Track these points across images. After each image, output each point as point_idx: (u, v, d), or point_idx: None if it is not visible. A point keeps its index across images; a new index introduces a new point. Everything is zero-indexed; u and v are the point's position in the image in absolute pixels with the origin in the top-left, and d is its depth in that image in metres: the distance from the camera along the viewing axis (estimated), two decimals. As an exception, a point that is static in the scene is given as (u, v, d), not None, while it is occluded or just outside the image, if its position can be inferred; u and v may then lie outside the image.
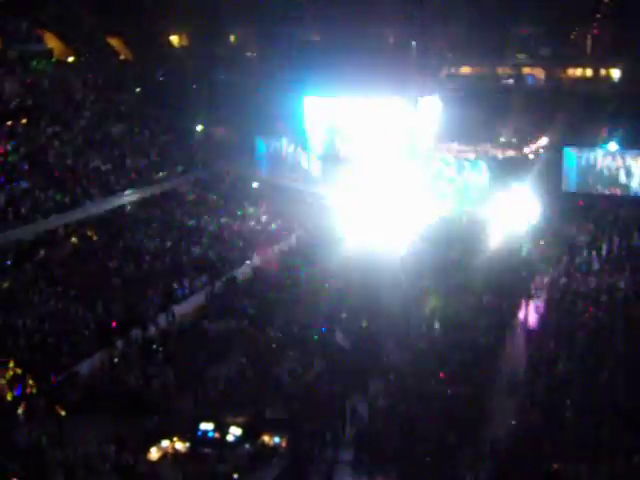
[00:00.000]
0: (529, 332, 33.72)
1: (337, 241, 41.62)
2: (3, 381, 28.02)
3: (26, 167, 41.14)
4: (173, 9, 60.16)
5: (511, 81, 61.45)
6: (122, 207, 43.84)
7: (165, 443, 24.35)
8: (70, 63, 51.75)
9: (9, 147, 41.81)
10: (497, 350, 31.36)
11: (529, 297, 36.52)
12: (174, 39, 63.70)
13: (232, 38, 67.02)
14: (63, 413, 26.31)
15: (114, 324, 33.52)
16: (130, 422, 25.81)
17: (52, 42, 52.01)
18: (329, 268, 38.87)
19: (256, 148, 54.71)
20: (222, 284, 39.69)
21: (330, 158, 53.75)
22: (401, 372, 29.04)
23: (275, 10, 59.40)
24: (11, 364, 28.25)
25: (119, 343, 32.39)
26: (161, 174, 47.82)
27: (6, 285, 34.11)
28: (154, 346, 32.50)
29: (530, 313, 35.44)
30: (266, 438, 24.82)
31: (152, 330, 34.37)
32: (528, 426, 25.03)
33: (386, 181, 46.51)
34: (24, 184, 39.59)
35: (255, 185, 52.98)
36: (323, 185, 52.02)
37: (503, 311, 34.74)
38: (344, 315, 34.32)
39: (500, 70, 61.98)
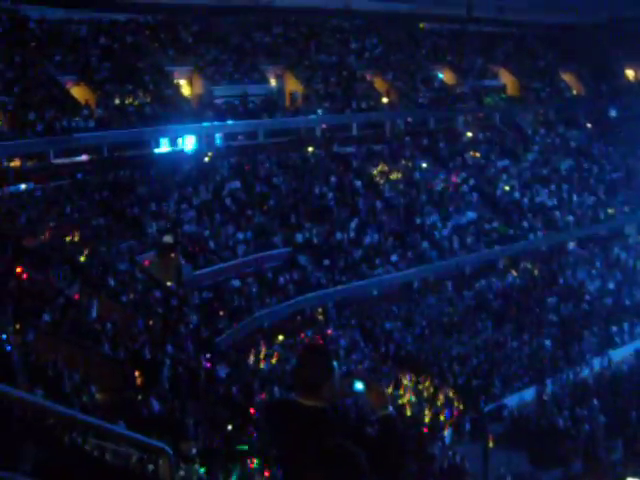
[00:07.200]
0: None
1: None
2: (439, 403, 29.06)
3: (475, 198, 42.46)
4: (630, 41, 58.02)
5: None
6: (564, 244, 43.20)
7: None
8: (521, 98, 52.41)
9: (459, 179, 43.51)
10: None
11: None
12: (629, 73, 61.37)
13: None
14: (491, 444, 26.40)
15: (545, 362, 33.14)
16: (552, 463, 25.27)
17: (505, 78, 53.21)
18: None
19: None
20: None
21: None
22: None
23: None
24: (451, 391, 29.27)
25: (549, 381, 31.88)
26: (608, 212, 46.22)
27: (448, 310, 35.44)
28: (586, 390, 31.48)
29: None
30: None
31: (586, 372, 33.31)
32: None
33: None
34: (471, 215, 40.85)
35: None
36: None
37: None
38: None
39: None
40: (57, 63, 35.51)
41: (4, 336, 18.90)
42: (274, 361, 28.00)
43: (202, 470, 16.02)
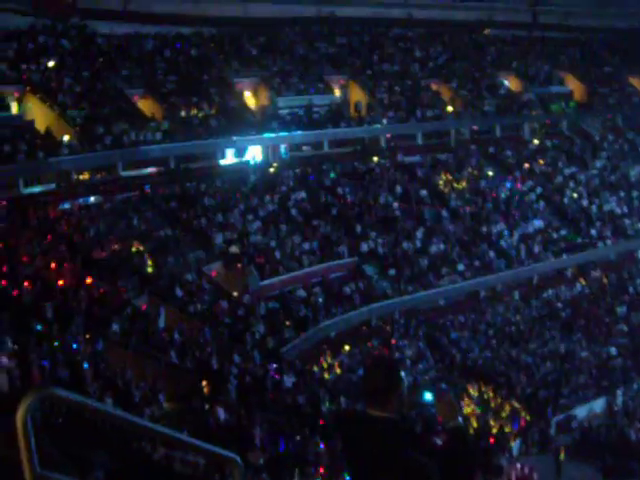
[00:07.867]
0: None
1: None
2: (504, 414, 28.67)
3: (542, 206, 41.88)
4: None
5: None
6: (634, 252, 42.34)
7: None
8: (589, 104, 51.52)
9: (526, 187, 42.95)
10: None
11: None
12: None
13: None
14: (562, 456, 25.93)
15: (615, 372, 32.52)
16: (625, 476, 24.73)
17: (572, 84, 52.38)
18: None
19: None
20: None
21: None
22: None
23: None
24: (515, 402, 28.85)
25: (619, 392, 31.27)
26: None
27: (516, 320, 35.06)
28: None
29: None
30: None
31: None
32: None
33: None
34: (538, 223, 40.32)
35: None
36: None
37: None
38: None
39: None
40: (124, 77, 36.14)
41: (75, 345, 19.28)
42: (340, 371, 27.98)
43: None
